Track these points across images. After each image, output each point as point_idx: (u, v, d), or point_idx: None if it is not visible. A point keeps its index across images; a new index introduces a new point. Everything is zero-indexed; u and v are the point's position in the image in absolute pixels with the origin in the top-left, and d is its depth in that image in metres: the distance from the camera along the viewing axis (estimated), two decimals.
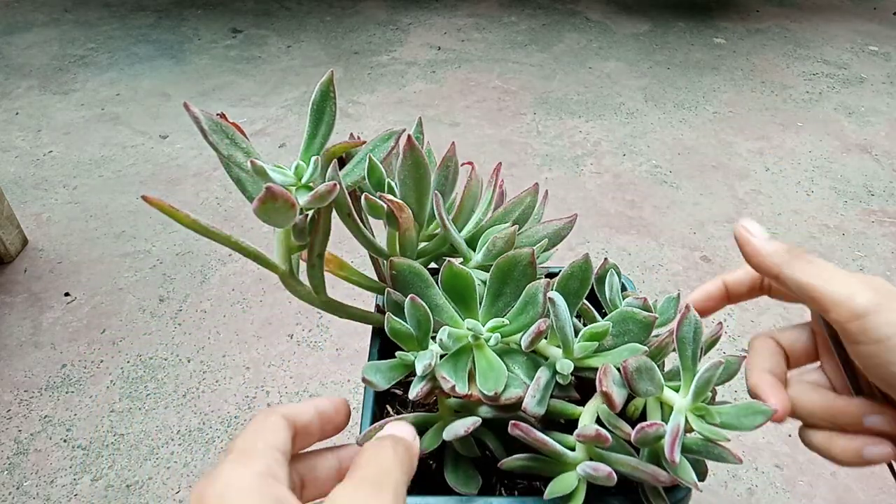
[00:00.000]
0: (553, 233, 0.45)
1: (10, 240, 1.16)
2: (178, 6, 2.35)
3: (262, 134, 1.57)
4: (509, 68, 1.91)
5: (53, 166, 1.45)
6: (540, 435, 0.34)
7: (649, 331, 0.38)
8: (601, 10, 2.32)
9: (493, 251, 0.41)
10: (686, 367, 0.35)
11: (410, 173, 0.39)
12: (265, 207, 0.31)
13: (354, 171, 0.40)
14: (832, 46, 2.07)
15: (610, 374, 0.34)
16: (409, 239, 0.41)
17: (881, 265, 1.19)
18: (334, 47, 2.04)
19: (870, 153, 1.52)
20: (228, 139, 0.37)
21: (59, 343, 1.01)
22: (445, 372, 0.36)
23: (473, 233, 0.45)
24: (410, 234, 0.41)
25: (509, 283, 0.39)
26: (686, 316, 0.34)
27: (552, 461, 0.36)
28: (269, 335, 1.02)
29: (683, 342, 0.34)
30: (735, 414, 0.33)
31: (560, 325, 0.36)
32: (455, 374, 0.37)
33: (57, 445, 0.86)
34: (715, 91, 1.79)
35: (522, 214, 0.45)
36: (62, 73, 1.86)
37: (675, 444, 0.32)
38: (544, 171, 1.43)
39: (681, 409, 0.34)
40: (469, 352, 0.38)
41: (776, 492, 0.81)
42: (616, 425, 0.35)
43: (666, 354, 0.38)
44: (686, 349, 0.34)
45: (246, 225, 1.27)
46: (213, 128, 0.36)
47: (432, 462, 0.42)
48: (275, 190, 0.31)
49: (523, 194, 0.46)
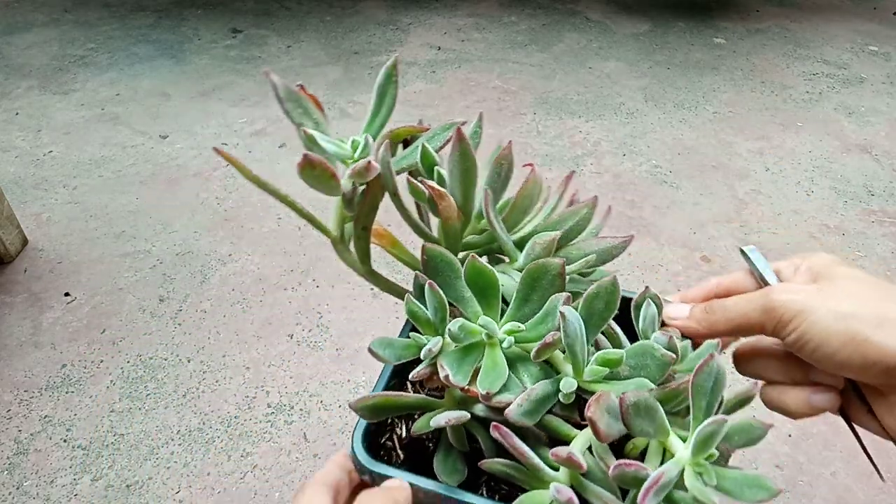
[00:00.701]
0: (603, 250, 0.43)
1: (10, 240, 1.16)
2: (178, 6, 2.35)
3: (262, 134, 1.57)
4: (509, 68, 1.91)
5: (53, 166, 1.45)
6: (518, 443, 0.34)
7: (664, 370, 0.36)
8: (601, 10, 2.32)
9: (531, 256, 0.41)
10: (696, 419, 0.33)
11: (457, 164, 0.39)
12: (304, 173, 0.34)
13: (410, 156, 0.42)
14: (832, 46, 2.07)
15: (603, 402, 0.33)
16: (451, 228, 0.41)
17: (881, 265, 1.19)
18: (334, 47, 2.04)
19: (870, 153, 1.52)
20: (301, 108, 0.40)
21: (59, 343, 1.01)
22: (446, 362, 0.37)
23: (524, 236, 0.44)
24: (453, 223, 0.41)
25: (537, 290, 0.38)
26: (707, 363, 0.32)
27: (530, 474, 0.35)
28: (269, 335, 1.02)
29: (699, 391, 0.33)
30: (737, 481, 0.31)
31: (569, 342, 0.35)
32: (458, 366, 0.37)
33: (57, 445, 0.86)
34: (715, 91, 1.79)
35: (577, 225, 0.44)
36: (62, 73, 1.86)
37: (651, 492, 0.30)
38: (544, 171, 1.43)
39: (679, 461, 0.32)
40: (481, 348, 0.38)
41: None
42: (603, 457, 0.34)
43: (683, 401, 0.36)
44: (700, 399, 0.33)
45: (246, 225, 1.27)
46: (288, 96, 0.39)
47: (430, 445, 0.43)
48: (312, 158, 0.33)
49: (580, 205, 0.44)
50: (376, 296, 1.09)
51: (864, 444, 0.37)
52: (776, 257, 0.39)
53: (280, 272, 1.15)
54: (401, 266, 0.49)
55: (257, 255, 1.19)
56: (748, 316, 0.36)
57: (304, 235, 1.24)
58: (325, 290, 1.11)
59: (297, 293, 1.10)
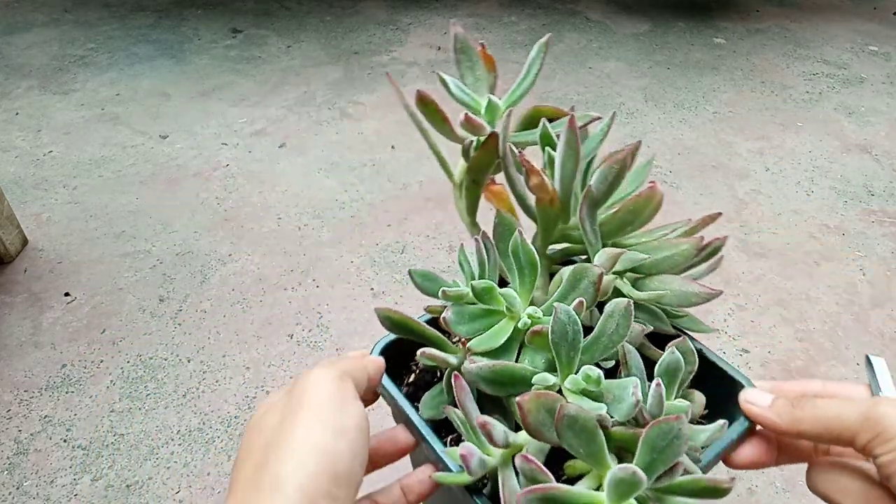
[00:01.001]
0: (680, 293, 0.39)
1: (10, 240, 1.16)
2: (178, 6, 2.35)
3: (263, 134, 1.57)
4: (509, 68, 1.91)
5: (53, 166, 1.45)
6: (467, 400, 0.35)
7: (630, 412, 0.34)
8: (601, 10, 2.32)
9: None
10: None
11: (562, 152, 0.40)
12: (418, 105, 0.39)
13: (533, 133, 0.43)
14: (832, 46, 2.07)
15: (544, 400, 0.32)
16: (546, 211, 0.41)
17: (881, 265, 1.19)
18: (334, 47, 2.04)
19: (870, 153, 1.52)
20: (469, 62, 0.44)
21: (59, 343, 1.01)
22: (452, 311, 0.38)
23: (624, 245, 0.43)
24: (546, 206, 0.41)
25: (576, 291, 0.39)
26: (666, 422, 0.30)
27: (472, 434, 0.36)
28: (269, 335, 1.02)
29: (647, 444, 0.31)
30: None
31: (555, 339, 0.35)
32: (465, 321, 0.39)
33: (57, 445, 0.86)
34: (715, 91, 1.79)
35: (671, 258, 0.41)
36: (62, 73, 1.86)
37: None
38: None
39: (594, 498, 0.31)
40: (500, 317, 0.40)
41: (776, 492, 0.81)
42: (534, 455, 0.33)
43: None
44: (647, 454, 0.31)
45: (246, 225, 1.27)
46: (463, 48, 0.43)
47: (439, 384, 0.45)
48: (423, 94, 0.38)
49: (682, 240, 0.41)
50: (376, 295, 1.09)
51: None
52: (776, 257, 0.39)
53: (280, 272, 1.15)
54: (400, 266, 0.49)
55: (257, 255, 1.19)
56: (841, 419, 0.30)
57: (304, 235, 1.24)
58: (325, 290, 1.11)
59: (297, 293, 1.10)
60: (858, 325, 1.05)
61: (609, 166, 0.40)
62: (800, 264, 1.18)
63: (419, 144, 1.54)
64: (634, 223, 0.41)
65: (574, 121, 0.38)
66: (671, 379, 0.37)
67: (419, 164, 1.45)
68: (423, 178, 1.40)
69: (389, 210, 1.31)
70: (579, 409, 0.31)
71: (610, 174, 0.40)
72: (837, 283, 1.14)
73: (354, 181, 1.40)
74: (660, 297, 0.39)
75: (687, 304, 0.39)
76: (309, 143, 1.53)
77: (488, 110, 0.42)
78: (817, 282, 1.14)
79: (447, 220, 1.28)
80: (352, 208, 1.32)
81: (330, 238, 1.23)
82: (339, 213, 1.30)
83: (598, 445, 0.32)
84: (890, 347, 1.01)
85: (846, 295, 1.12)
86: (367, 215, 1.30)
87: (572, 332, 0.35)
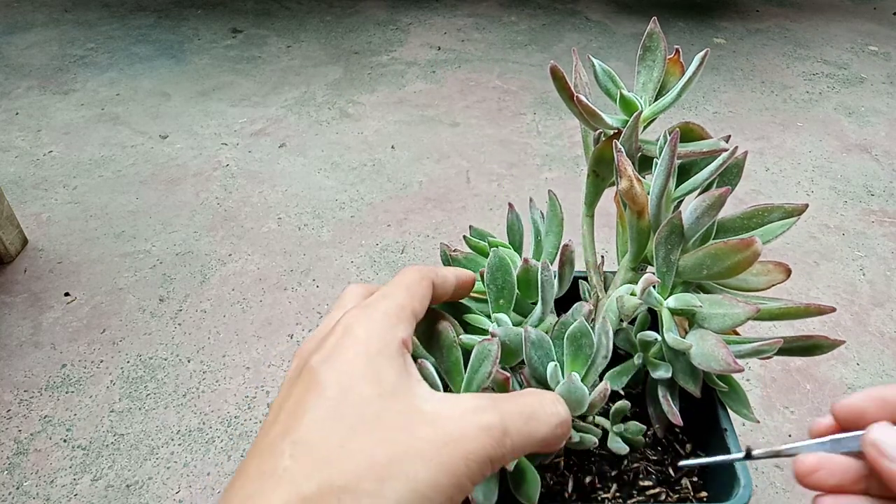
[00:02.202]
0: (706, 354, 0.36)
1: (10, 240, 1.16)
2: (178, 6, 2.35)
3: (262, 134, 1.57)
4: (509, 68, 1.91)
5: (53, 166, 1.45)
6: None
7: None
8: (601, 10, 2.32)
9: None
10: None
11: (659, 167, 0.39)
12: (555, 81, 0.44)
13: (654, 143, 0.44)
14: (832, 46, 2.07)
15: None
16: (637, 223, 0.39)
17: (881, 265, 1.19)
18: (334, 47, 2.04)
19: (870, 153, 1.52)
20: (651, 61, 0.48)
21: (59, 343, 1.01)
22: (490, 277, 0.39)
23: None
24: (636, 217, 0.39)
25: (479, 375, 0.37)
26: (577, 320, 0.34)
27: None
28: (269, 335, 1.02)
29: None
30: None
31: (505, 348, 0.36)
32: (493, 284, 0.40)
33: (57, 445, 0.86)
34: (715, 91, 1.79)
35: (720, 319, 0.38)
36: (62, 73, 1.86)
37: None
38: (544, 172, 1.43)
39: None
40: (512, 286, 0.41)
41: (776, 492, 0.81)
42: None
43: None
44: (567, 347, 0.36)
45: (246, 225, 1.27)
46: (651, 45, 0.48)
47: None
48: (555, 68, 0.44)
49: (741, 306, 0.38)
50: None
51: None
52: (776, 257, 0.39)
53: (280, 272, 1.15)
54: (401, 265, 0.50)
55: (257, 255, 1.19)
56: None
57: (304, 235, 1.24)
58: (325, 290, 1.11)
59: (297, 293, 1.10)
60: (858, 325, 1.05)
61: (702, 199, 0.38)
62: (799, 264, 1.18)
63: (419, 144, 1.54)
64: (713, 269, 0.38)
65: (676, 136, 0.37)
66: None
67: (419, 164, 1.44)
68: (423, 178, 1.40)
69: (389, 210, 1.31)
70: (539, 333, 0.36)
71: (700, 207, 0.38)
72: (837, 283, 1.14)
73: (354, 181, 1.40)
74: (685, 349, 0.37)
75: (706, 367, 0.37)
76: (309, 143, 1.53)
77: (622, 104, 0.43)
78: (817, 282, 1.14)
79: (447, 220, 1.28)
80: (352, 208, 1.32)
81: (330, 238, 1.23)
82: (339, 213, 1.30)
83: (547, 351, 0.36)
84: (890, 347, 1.02)
85: (846, 295, 1.12)
86: (367, 215, 1.30)
87: (541, 348, 0.37)
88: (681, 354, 0.38)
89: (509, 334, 0.35)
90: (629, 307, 0.37)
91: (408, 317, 0.30)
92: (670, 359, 0.39)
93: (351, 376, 0.26)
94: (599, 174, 0.45)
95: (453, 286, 0.36)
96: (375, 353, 0.27)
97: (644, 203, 0.39)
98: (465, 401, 0.27)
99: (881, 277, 1.16)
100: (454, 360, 0.34)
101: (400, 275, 0.33)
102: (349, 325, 0.29)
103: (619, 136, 0.42)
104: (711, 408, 0.41)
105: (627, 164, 0.38)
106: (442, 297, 0.36)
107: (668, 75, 0.46)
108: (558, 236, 0.44)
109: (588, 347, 0.35)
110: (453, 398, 0.28)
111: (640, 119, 0.41)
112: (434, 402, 0.27)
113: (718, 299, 0.38)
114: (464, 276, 0.37)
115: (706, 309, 0.38)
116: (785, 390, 0.95)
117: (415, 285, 0.32)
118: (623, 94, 0.43)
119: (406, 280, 0.32)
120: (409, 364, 0.28)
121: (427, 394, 0.27)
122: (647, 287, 0.37)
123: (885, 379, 0.96)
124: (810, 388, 0.95)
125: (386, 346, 0.28)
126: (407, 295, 0.31)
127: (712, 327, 0.38)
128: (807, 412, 0.92)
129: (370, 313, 0.29)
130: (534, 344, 0.34)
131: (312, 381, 0.26)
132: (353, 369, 0.27)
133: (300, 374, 0.28)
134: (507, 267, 0.38)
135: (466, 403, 0.27)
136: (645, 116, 0.44)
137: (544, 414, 0.28)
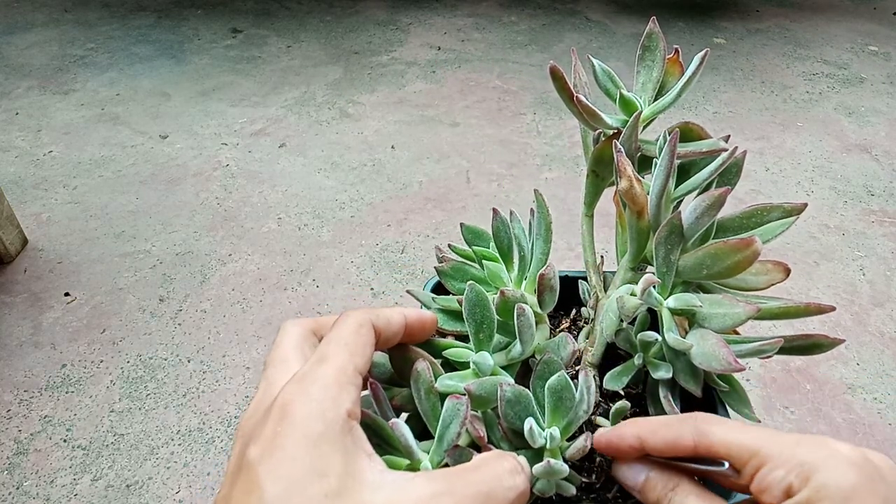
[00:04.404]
0: (707, 354, 0.36)
1: (10, 240, 1.16)
2: (178, 6, 2.35)
3: (262, 134, 1.57)
4: (509, 68, 1.91)
5: (53, 166, 1.45)
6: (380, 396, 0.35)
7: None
8: (601, 10, 2.32)
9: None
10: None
11: (658, 166, 0.38)
12: (554, 80, 0.42)
13: (655, 144, 0.43)
14: (832, 46, 2.07)
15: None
16: (636, 223, 0.39)
17: (881, 265, 1.19)
18: (334, 47, 2.04)
19: (870, 153, 1.52)
20: (651, 61, 0.47)
21: (59, 343, 1.01)
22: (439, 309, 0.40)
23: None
24: (635, 216, 0.39)
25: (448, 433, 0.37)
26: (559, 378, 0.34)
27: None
28: (269, 335, 1.02)
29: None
30: None
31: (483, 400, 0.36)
32: (450, 319, 0.40)
33: (57, 445, 0.86)
34: (715, 91, 1.79)
35: (721, 319, 0.38)
36: (62, 73, 1.86)
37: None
38: (544, 171, 1.43)
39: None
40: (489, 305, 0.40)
41: None
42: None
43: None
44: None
45: (246, 225, 1.27)
46: (650, 45, 0.47)
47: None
48: (554, 68, 0.42)
49: (741, 305, 0.37)
50: (376, 295, 1.09)
51: None
52: (776, 257, 0.39)
53: (280, 272, 1.15)
54: (400, 266, 0.49)
55: (257, 255, 1.19)
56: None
57: (304, 236, 1.24)
58: (325, 290, 1.11)
59: (297, 293, 1.10)
60: (858, 324, 1.05)
61: (702, 199, 0.37)
62: (799, 264, 1.18)
63: (419, 144, 1.54)
64: (712, 269, 0.38)
65: (676, 136, 0.37)
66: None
67: (419, 164, 1.44)
68: (423, 178, 1.40)
69: (389, 210, 1.31)
70: (518, 389, 0.35)
71: (699, 207, 0.37)
72: (837, 283, 1.14)
73: (354, 181, 1.40)
74: (686, 349, 0.37)
75: (706, 367, 0.37)
76: (309, 143, 1.53)
77: (622, 104, 0.42)
78: (817, 281, 1.14)
79: (447, 220, 1.28)
80: (352, 208, 1.32)
81: (330, 238, 1.23)
82: (339, 213, 1.30)
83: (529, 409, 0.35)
84: (890, 347, 1.02)
85: (846, 295, 1.12)
86: (367, 215, 1.30)
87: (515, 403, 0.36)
88: (681, 354, 0.38)
89: (485, 386, 0.34)
90: (629, 307, 0.37)
91: (350, 379, 0.28)
92: (671, 359, 0.38)
93: (291, 474, 0.25)
94: (599, 174, 0.45)
95: (401, 327, 0.33)
96: (318, 438, 0.25)
97: (644, 203, 0.39)
98: (419, 487, 0.26)
99: (881, 277, 1.16)
100: (432, 404, 0.34)
101: (336, 327, 0.31)
102: (286, 406, 0.26)
103: (619, 136, 0.42)
104: (712, 408, 0.41)
105: (627, 164, 0.38)
106: (390, 342, 0.33)
107: (667, 75, 0.46)
108: (547, 242, 0.44)
109: (569, 401, 0.34)
110: (407, 483, 0.26)
111: (639, 119, 0.41)
112: (386, 489, 0.25)
113: (718, 299, 0.38)
114: (415, 317, 0.34)
115: (706, 309, 0.38)
116: (785, 390, 0.95)
117: (353, 338, 0.30)
118: (623, 94, 0.43)
119: (343, 334, 0.30)
120: (358, 438, 0.27)
121: (378, 479, 0.26)
122: (647, 287, 0.37)
123: (884, 378, 0.96)
124: (810, 388, 0.95)
125: (328, 426, 0.26)
126: (346, 353, 0.29)
127: (713, 327, 0.37)
128: (807, 412, 0.92)
129: (307, 388, 0.27)
130: (509, 402, 0.33)
131: (252, 483, 0.25)
132: (294, 466, 0.25)
133: (240, 469, 0.26)
134: (484, 302, 0.36)
135: (420, 490, 0.26)
136: (644, 116, 0.44)
137: (501, 489, 0.28)
